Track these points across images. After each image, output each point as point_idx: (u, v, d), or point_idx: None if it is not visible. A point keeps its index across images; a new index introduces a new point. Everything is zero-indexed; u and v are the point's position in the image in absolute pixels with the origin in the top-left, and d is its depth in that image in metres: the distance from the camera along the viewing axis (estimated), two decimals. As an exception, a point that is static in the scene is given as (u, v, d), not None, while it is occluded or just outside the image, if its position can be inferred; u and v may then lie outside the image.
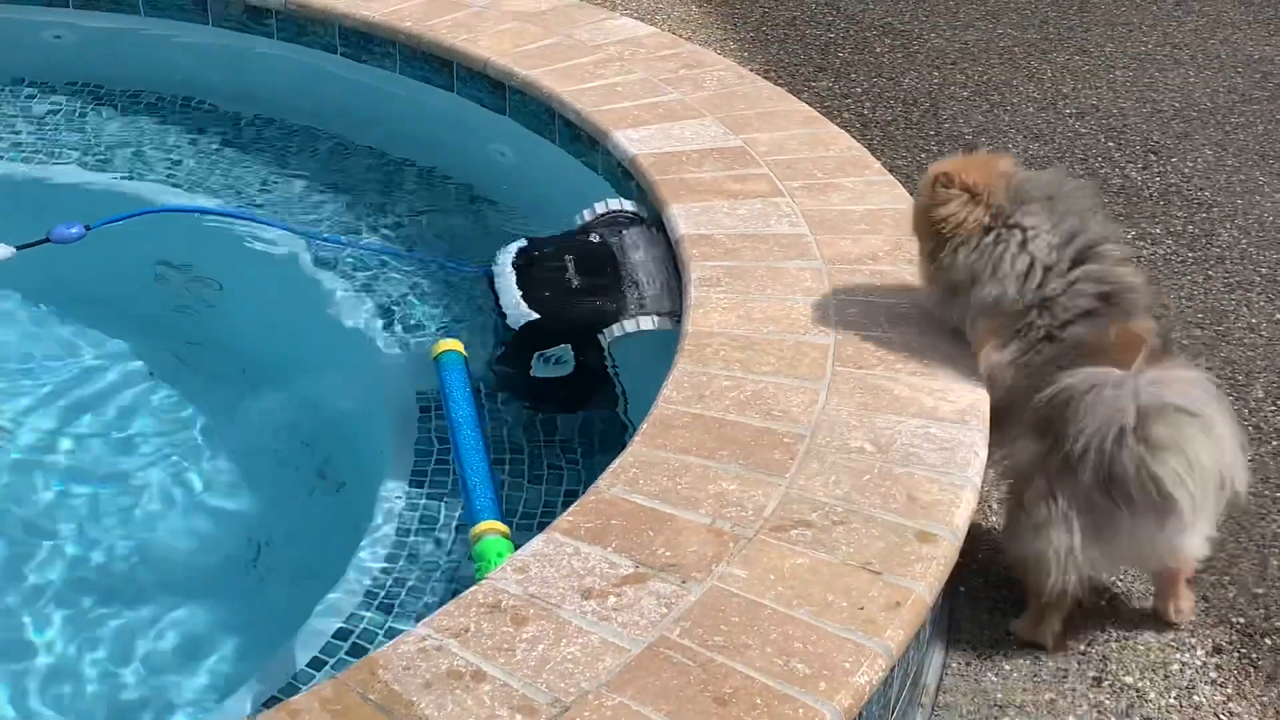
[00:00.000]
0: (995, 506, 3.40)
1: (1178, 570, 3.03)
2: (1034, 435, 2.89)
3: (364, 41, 4.88)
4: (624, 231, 3.71)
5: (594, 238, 3.73)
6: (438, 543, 3.18)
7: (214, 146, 4.86)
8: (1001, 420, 2.93)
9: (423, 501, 3.29)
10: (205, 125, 5.00)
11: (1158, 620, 3.11)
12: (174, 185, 4.61)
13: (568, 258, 3.64)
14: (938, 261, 3.05)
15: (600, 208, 3.85)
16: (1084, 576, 2.87)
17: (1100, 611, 3.16)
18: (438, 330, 3.91)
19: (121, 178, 4.68)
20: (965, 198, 3.00)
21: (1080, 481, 2.77)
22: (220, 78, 5.11)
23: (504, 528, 3.06)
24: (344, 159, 4.83)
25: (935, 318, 3.15)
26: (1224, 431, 2.76)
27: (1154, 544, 2.86)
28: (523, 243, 3.74)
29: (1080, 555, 2.82)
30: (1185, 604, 3.10)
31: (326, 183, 4.67)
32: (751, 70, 5.62)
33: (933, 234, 3.05)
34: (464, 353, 3.65)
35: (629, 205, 3.85)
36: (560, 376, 3.52)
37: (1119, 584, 3.23)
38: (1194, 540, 2.87)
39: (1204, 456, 2.72)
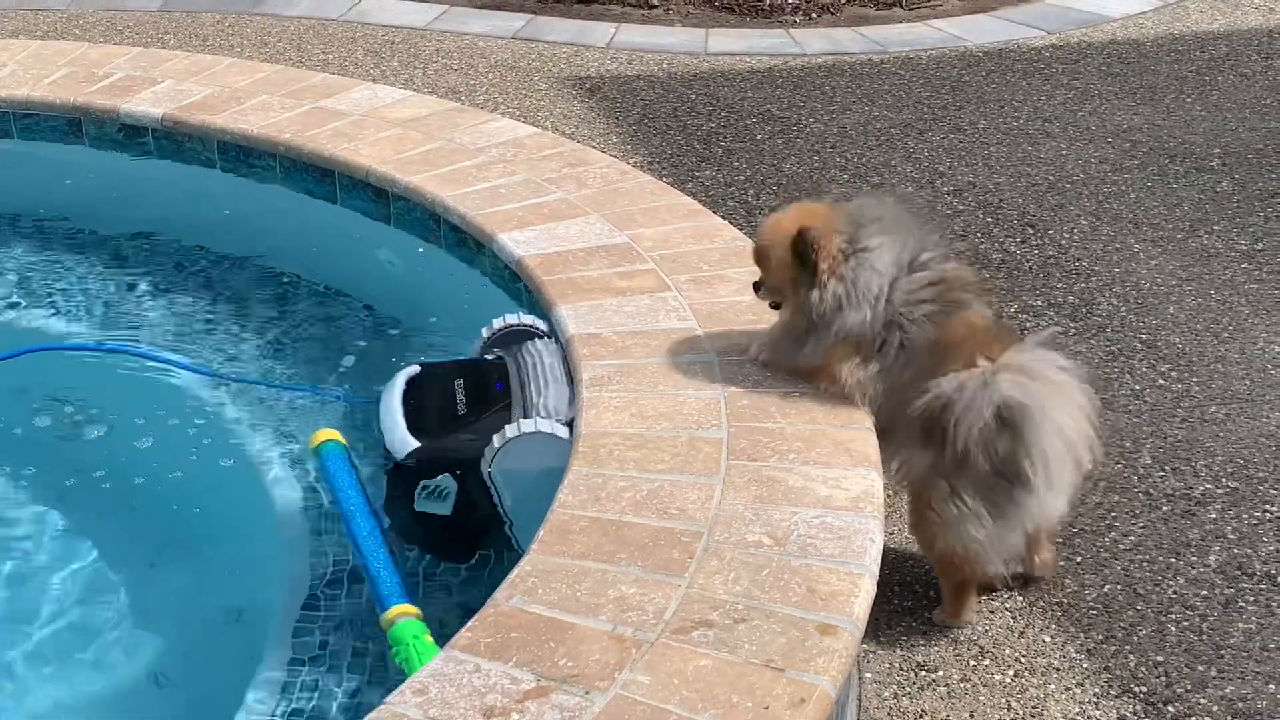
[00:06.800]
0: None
1: (1039, 532, 3.35)
2: (922, 443, 3.14)
3: (243, 155, 4.86)
4: (522, 347, 3.63)
5: (489, 357, 3.67)
6: (338, 662, 3.11)
7: (95, 270, 4.78)
8: (885, 433, 3.18)
9: (320, 620, 3.23)
10: (86, 247, 4.92)
11: (1025, 582, 3.45)
12: (57, 314, 4.53)
13: (458, 382, 3.59)
14: (806, 298, 3.19)
15: (498, 323, 3.79)
16: (1009, 556, 3.22)
17: (1006, 688, 3.18)
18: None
19: (4, 306, 4.60)
20: (829, 239, 3.16)
21: (976, 472, 3.06)
22: (99, 198, 5.04)
23: (414, 609, 3.01)
24: (228, 277, 4.78)
25: (779, 365, 3.31)
26: (1070, 410, 3.07)
27: (1042, 509, 3.17)
28: (414, 370, 3.68)
29: (998, 537, 3.14)
30: (1047, 555, 3.46)
31: (211, 305, 4.62)
32: (635, 163, 5.70)
33: (793, 279, 3.22)
34: (343, 441, 3.59)
35: (528, 319, 3.80)
36: (443, 515, 3.35)
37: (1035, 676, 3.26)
38: (1057, 502, 3.19)
39: (1052, 436, 3.04)
